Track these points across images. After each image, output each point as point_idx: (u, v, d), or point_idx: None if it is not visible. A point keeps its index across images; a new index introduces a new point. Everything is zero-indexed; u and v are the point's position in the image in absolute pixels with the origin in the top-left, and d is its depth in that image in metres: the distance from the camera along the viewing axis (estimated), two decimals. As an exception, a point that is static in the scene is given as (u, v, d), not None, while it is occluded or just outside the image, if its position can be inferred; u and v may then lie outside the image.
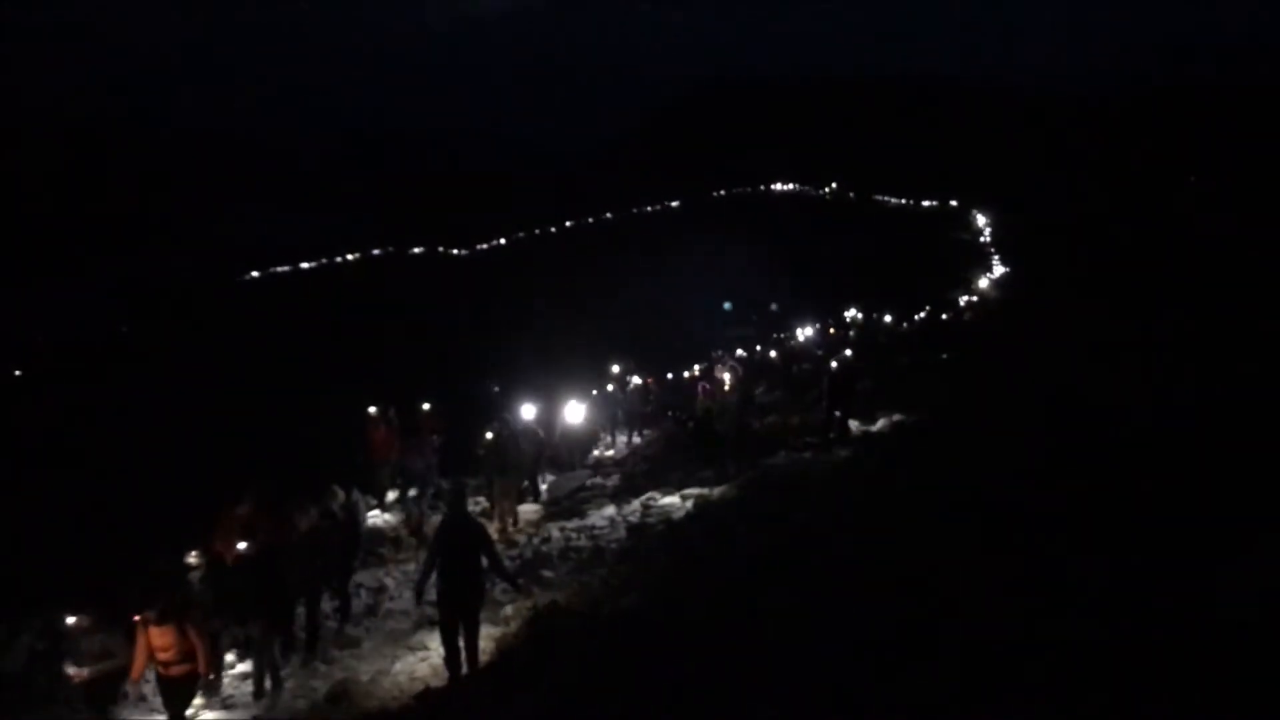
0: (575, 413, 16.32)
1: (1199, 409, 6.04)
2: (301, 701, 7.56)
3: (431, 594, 7.37)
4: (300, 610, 8.70)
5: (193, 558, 7.86)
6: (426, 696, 6.81)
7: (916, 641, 3.80)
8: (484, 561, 7.30)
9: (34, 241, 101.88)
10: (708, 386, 15.91)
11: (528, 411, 14.63)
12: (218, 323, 67.10)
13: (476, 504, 13.30)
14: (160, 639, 6.52)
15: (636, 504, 12.12)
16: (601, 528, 11.35)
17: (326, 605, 9.31)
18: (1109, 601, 3.59)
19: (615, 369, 20.61)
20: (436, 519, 11.24)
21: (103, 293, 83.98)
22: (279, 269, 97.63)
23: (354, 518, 10.01)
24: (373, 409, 13.81)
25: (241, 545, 7.79)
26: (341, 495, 9.63)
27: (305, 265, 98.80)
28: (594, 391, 19.37)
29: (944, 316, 34.98)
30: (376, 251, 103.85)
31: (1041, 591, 3.87)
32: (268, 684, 7.79)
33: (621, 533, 10.74)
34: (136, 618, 6.62)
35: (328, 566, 8.85)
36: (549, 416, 16.18)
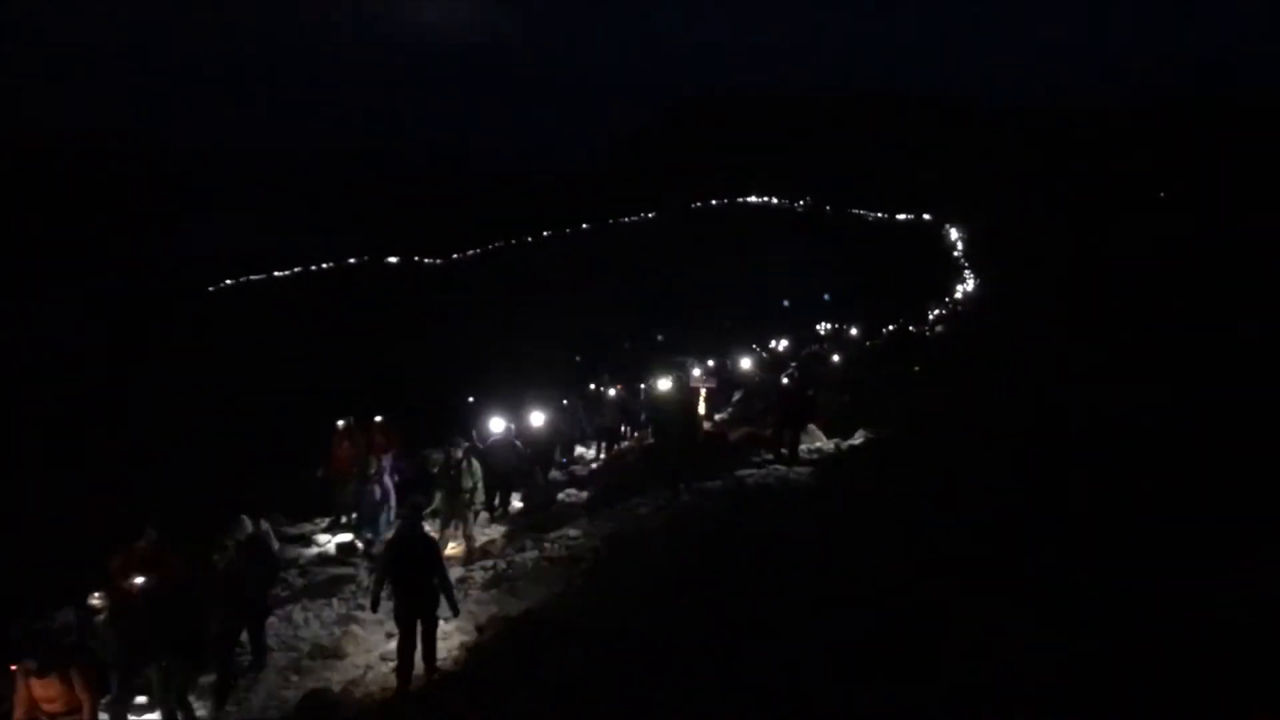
0: (537, 419, 15.85)
1: (1182, 417, 6.14)
2: (273, 711, 7.48)
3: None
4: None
5: (96, 599, 7.33)
6: (401, 706, 6.75)
7: (909, 648, 3.82)
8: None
9: (7, 252, 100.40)
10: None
11: (497, 425, 14.25)
12: (188, 333, 66.35)
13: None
14: (44, 690, 6.06)
15: (611, 514, 12.10)
16: (576, 538, 11.30)
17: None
18: (1101, 606, 3.63)
19: (591, 387, 20.55)
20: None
21: (74, 303, 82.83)
22: (253, 277, 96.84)
23: (264, 551, 8.87)
24: (340, 422, 13.33)
25: (138, 580, 7.13)
26: (249, 526, 8.80)
27: (279, 274, 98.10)
28: (564, 401, 19.25)
29: (923, 330, 35.30)
30: (352, 260, 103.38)
31: (1033, 596, 3.91)
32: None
33: (596, 543, 10.70)
34: (13, 667, 6.18)
35: (238, 605, 8.03)
36: (521, 428, 15.92)
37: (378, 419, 13.72)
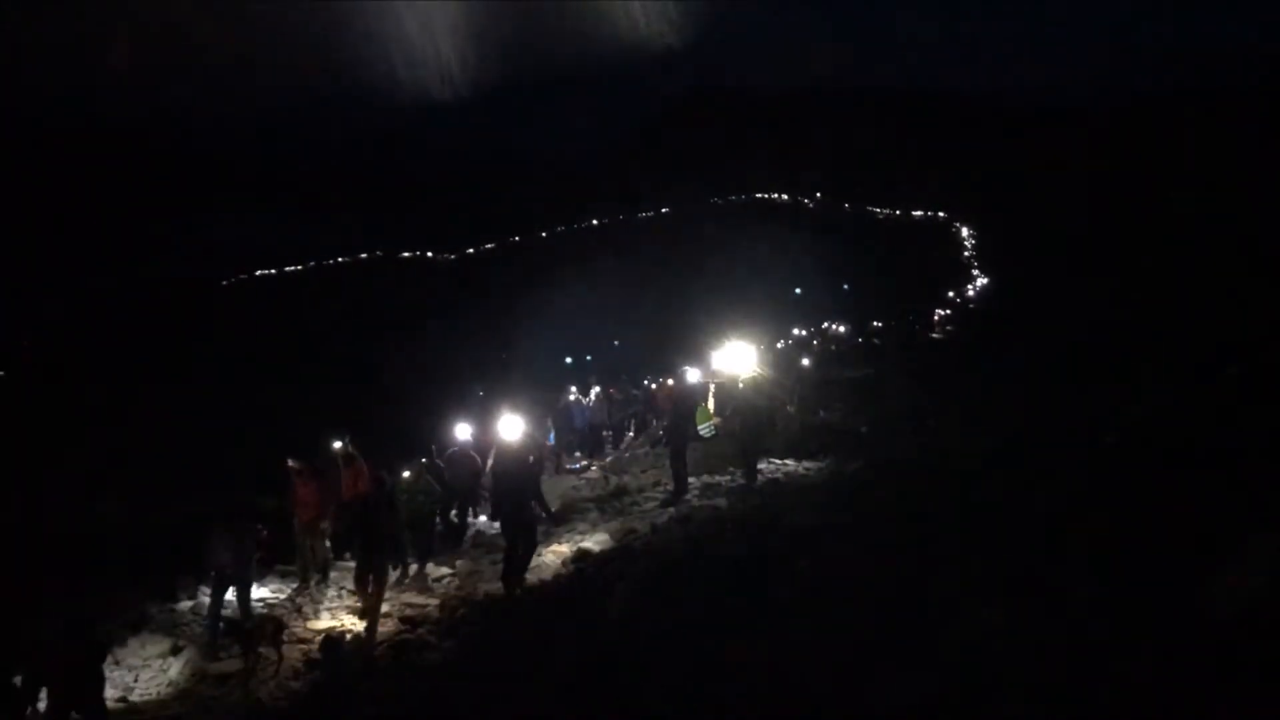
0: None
1: (1175, 417, 6.14)
2: (283, 703, 7.54)
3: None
4: None
5: None
6: (424, 677, 6.78)
7: (905, 646, 3.85)
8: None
9: (21, 242, 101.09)
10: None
11: (463, 432, 12.86)
12: (195, 328, 66.67)
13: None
14: None
15: (620, 508, 12.17)
16: (584, 530, 11.39)
17: None
18: (1095, 607, 3.65)
19: (572, 390, 19.02)
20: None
21: (89, 294, 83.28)
22: (264, 272, 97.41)
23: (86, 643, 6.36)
24: (292, 463, 10.55)
25: None
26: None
27: (291, 269, 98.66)
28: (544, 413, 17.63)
29: (929, 330, 35.24)
30: (364, 255, 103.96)
31: (1028, 598, 3.93)
32: None
33: (604, 535, 10.77)
34: None
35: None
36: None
37: (336, 445, 11.14)
